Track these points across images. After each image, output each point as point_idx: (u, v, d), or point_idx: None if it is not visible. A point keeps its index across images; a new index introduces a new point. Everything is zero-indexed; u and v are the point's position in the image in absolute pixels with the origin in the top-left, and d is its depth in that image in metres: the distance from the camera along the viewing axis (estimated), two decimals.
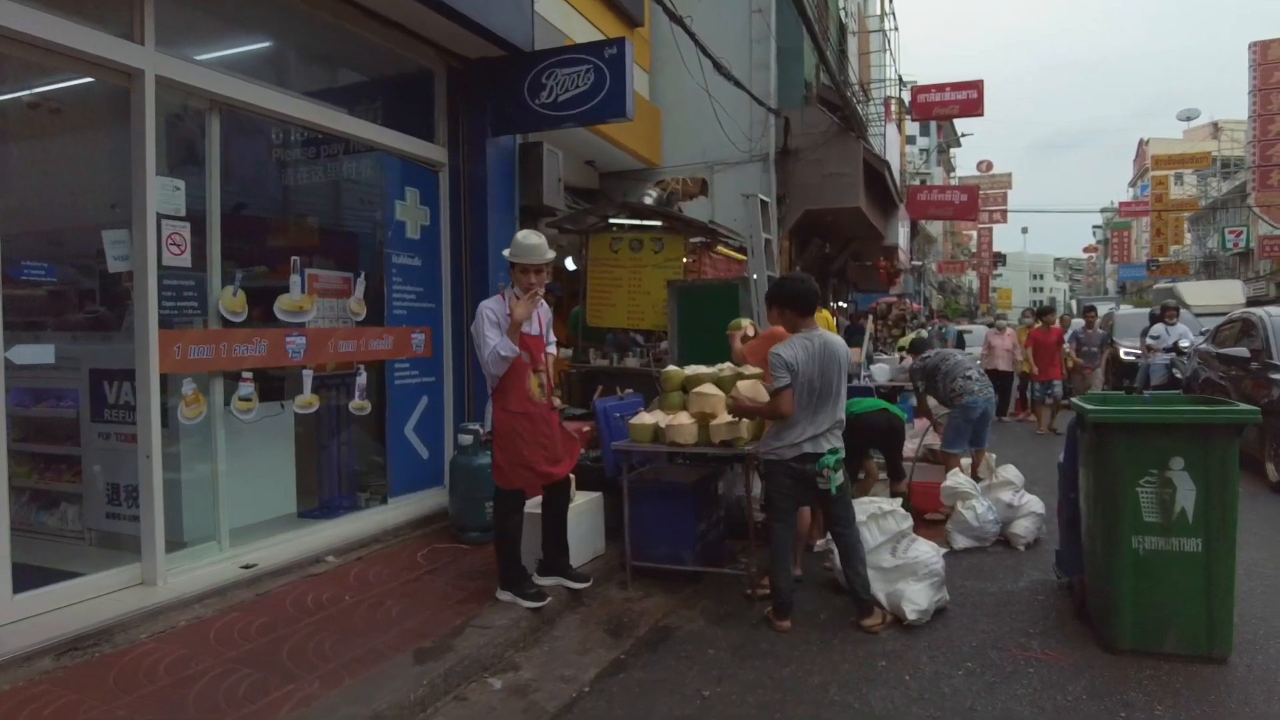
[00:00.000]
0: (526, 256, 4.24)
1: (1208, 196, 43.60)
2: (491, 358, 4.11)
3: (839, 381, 4.10)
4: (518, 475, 4.22)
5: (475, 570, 4.75)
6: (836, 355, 4.10)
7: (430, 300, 6.22)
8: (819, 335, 4.14)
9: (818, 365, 4.04)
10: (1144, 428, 3.45)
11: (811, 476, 4.03)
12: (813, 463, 4.02)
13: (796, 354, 4.05)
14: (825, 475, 3.99)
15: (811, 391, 4.04)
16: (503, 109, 6.25)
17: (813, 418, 4.06)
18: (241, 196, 5.52)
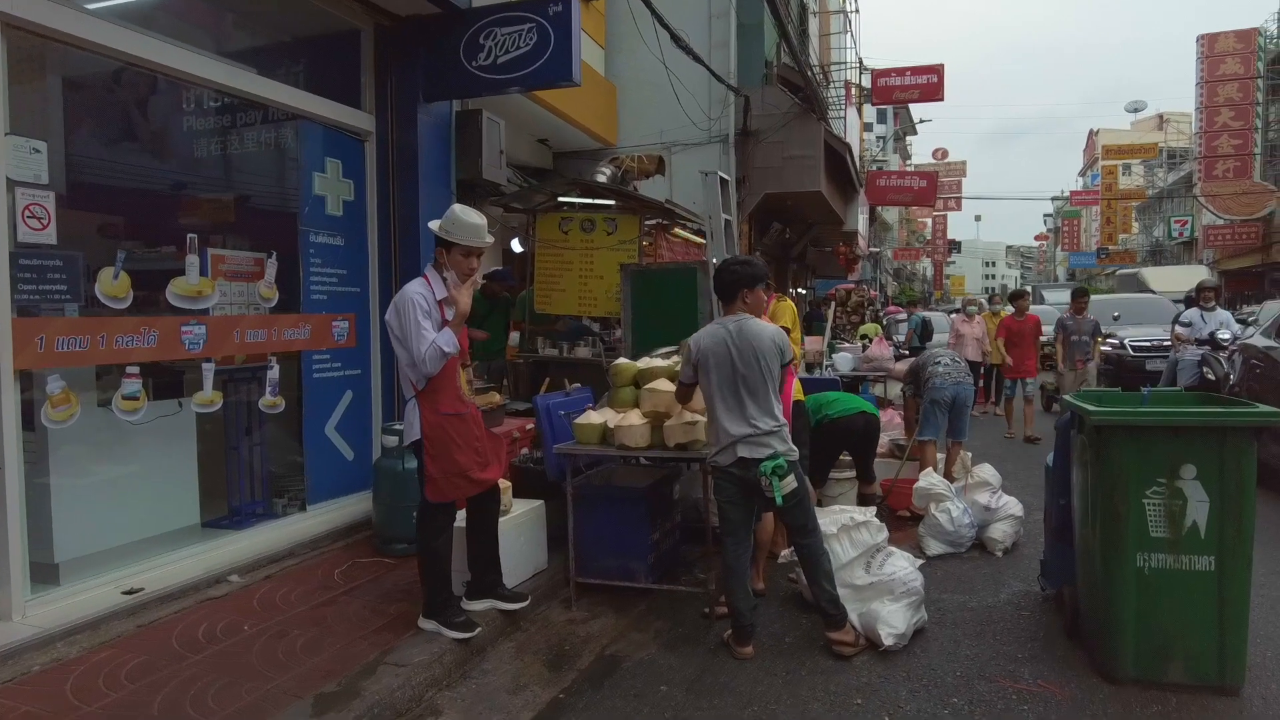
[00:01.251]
0: (471, 237, 3.67)
1: (1155, 186, 44.40)
2: (431, 355, 3.51)
3: (768, 374, 3.59)
4: (453, 486, 3.66)
5: (398, 589, 4.20)
6: (756, 345, 3.58)
7: (355, 284, 5.61)
8: (736, 321, 3.67)
9: (734, 355, 3.58)
10: (1151, 431, 3.05)
11: (757, 483, 3.54)
12: (754, 468, 3.53)
13: (700, 341, 3.67)
14: (764, 484, 3.48)
15: (732, 386, 3.59)
16: (436, 72, 5.64)
17: (740, 415, 3.57)
18: (128, 165, 4.86)
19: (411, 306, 3.55)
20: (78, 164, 4.53)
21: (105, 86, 4.98)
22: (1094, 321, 9.28)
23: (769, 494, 3.50)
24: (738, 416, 3.57)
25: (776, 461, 3.52)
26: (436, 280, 3.71)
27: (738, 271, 3.77)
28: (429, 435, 3.62)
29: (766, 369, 3.58)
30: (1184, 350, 8.85)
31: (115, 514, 4.28)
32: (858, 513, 3.95)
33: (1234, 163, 31.41)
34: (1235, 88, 31.80)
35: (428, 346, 3.51)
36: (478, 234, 3.69)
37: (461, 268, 3.68)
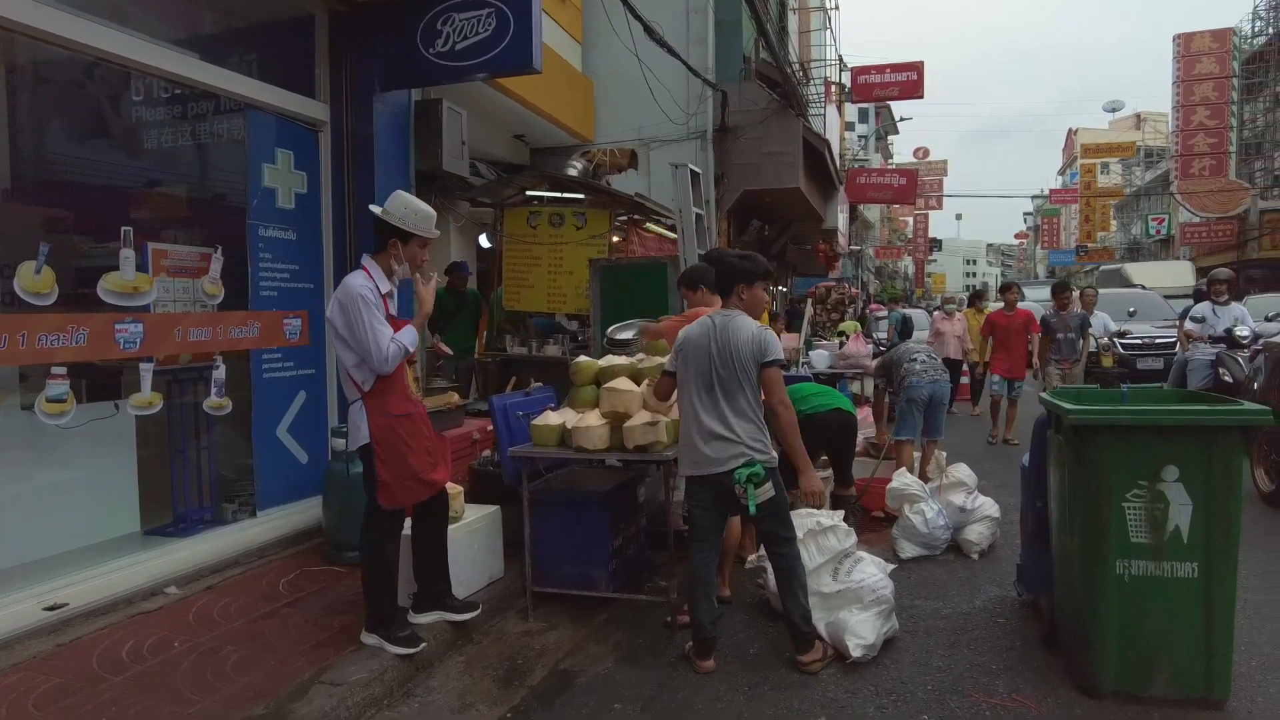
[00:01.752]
0: (426, 227, 3.51)
1: (1132, 185, 44.69)
2: (394, 355, 3.33)
3: (744, 376, 3.39)
4: (406, 490, 3.45)
5: (346, 600, 3.98)
6: (735, 343, 3.39)
7: (308, 280, 5.37)
8: (725, 316, 3.50)
9: (714, 351, 3.41)
10: (1134, 431, 2.88)
11: (731, 490, 3.33)
12: (729, 475, 3.32)
13: (689, 331, 3.53)
14: (738, 492, 3.28)
15: (707, 383, 3.41)
16: (393, 60, 5.41)
17: (715, 416, 3.38)
18: (61, 156, 4.61)
19: (361, 304, 3.32)
20: (5, 153, 4.29)
21: (39, 72, 4.73)
22: (1081, 315, 8.46)
23: (743, 501, 3.30)
24: (713, 417, 3.38)
25: (753, 469, 3.31)
26: (378, 272, 3.49)
27: (734, 264, 3.61)
28: (378, 438, 3.41)
29: (743, 371, 3.37)
30: (1195, 349, 7.93)
31: (42, 524, 4.04)
32: (824, 516, 3.76)
33: (1210, 161, 31.61)
34: (1211, 87, 32.01)
35: (388, 345, 3.31)
36: (432, 222, 3.56)
37: (417, 259, 3.52)
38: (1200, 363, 7.83)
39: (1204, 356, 7.80)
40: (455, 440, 4.91)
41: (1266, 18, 31.25)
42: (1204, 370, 7.73)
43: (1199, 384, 7.64)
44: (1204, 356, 7.80)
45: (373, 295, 3.36)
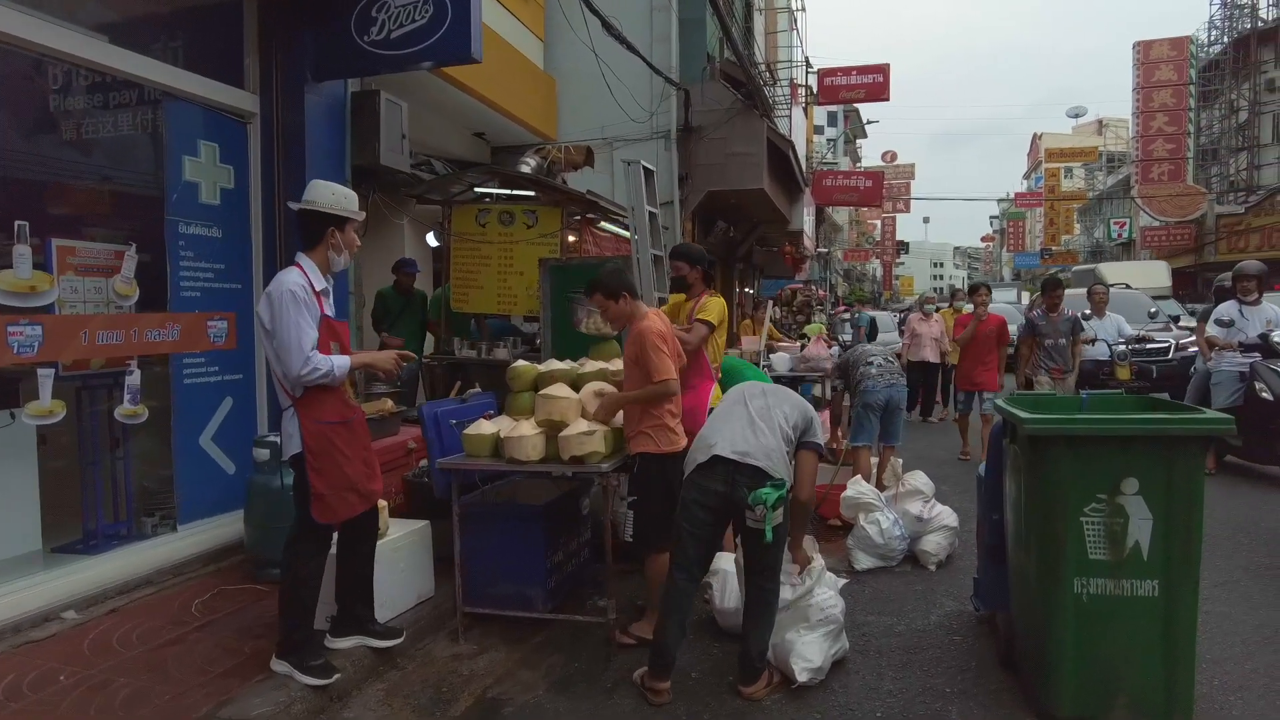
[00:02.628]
0: (354, 209, 3.33)
1: (1095, 189, 45.37)
2: (312, 375, 3.10)
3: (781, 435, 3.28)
4: (343, 502, 3.21)
5: (263, 622, 3.70)
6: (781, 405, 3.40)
7: (235, 279, 5.06)
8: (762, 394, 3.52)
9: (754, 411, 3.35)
10: (1092, 441, 2.71)
11: (740, 507, 3.06)
12: (745, 491, 3.05)
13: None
14: (759, 513, 2.99)
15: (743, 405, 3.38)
16: (326, 48, 5.13)
17: (747, 426, 3.23)
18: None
19: (289, 301, 3.09)
20: None
21: None
22: (1072, 319, 7.35)
23: (755, 524, 3.03)
24: (743, 426, 3.22)
25: (781, 492, 3.04)
26: (314, 269, 3.28)
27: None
28: (312, 447, 3.18)
29: (775, 428, 3.25)
30: (1219, 358, 6.69)
31: None
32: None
33: (1169, 166, 32.16)
34: (1169, 93, 32.57)
35: (311, 352, 3.09)
36: (355, 203, 3.39)
37: (353, 246, 3.38)
38: (1228, 375, 6.64)
39: (1232, 368, 6.62)
40: (389, 450, 4.64)
41: (1222, 27, 31.88)
42: (1233, 385, 6.57)
43: (1227, 401, 6.48)
44: (1232, 368, 6.62)
45: (304, 293, 3.14)
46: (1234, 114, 30.86)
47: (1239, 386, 6.55)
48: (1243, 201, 28.99)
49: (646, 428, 3.48)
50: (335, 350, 3.27)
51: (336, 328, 3.35)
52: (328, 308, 3.28)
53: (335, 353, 3.26)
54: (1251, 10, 30.48)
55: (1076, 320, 7.40)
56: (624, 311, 3.64)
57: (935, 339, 10.23)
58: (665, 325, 3.67)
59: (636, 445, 3.53)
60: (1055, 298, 7.41)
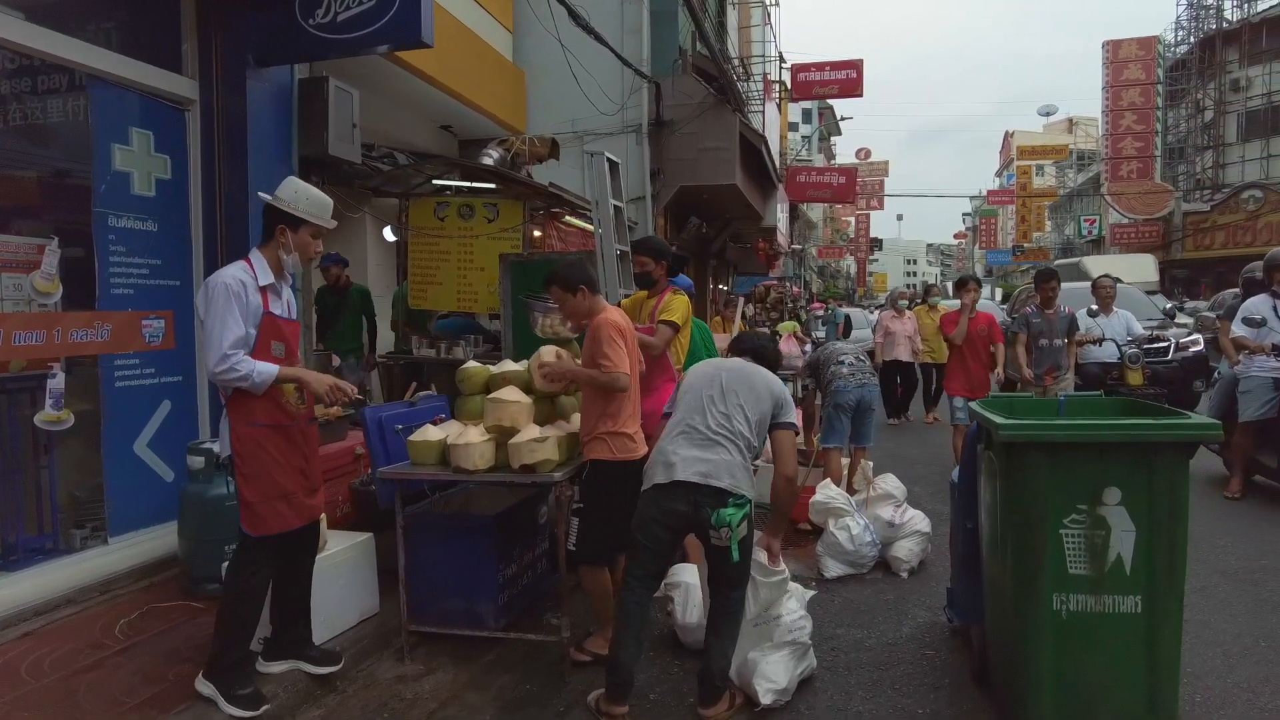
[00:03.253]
0: (323, 214, 3.16)
1: (1066, 187, 45.85)
2: (234, 368, 2.89)
3: (746, 416, 3.08)
4: (274, 513, 2.99)
5: (191, 645, 3.44)
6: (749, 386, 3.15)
7: (173, 276, 4.78)
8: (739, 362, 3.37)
9: (717, 394, 3.12)
10: (1072, 448, 2.54)
11: (703, 525, 2.87)
12: (709, 510, 2.86)
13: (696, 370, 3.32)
14: (724, 535, 2.82)
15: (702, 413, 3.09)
16: (269, 31, 4.85)
17: (703, 442, 3.01)
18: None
19: (220, 293, 2.91)
20: None
21: None
22: (1069, 316, 6.63)
23: (720, 543, 2.85)
24: (703, 441, 2.99)
25: (744, 510, 2.88)
26: (261, 264, 3.07)
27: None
28: (240, 451, 2.97)
29: (744, 420, 3.04)
30: (1248, 363, 5.73)
31: None
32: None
33: (1137, 164, 32.53)
34: (1138, 92, 32.94)
35: (230, 365, 2.88)
36: (328, 210, 3.20)
37: (309, 249, 3.17)
38: (1260, 382, 5.65)
39: (1264, 374, 5.64)
40: (335, 456, 4.40)
41: (1188, 27, 32.29)
42: (1265, 394, 5.61)
43: (1258, 413, 5.65)
44: (1264, 374, 5.64)
45: (242, 287, 2.95)
46: (1200, 113, 31.27)
47: (1272, 396, 5.59)
48: (1208, 199, 29.39)
49: (603, 433, 3.26)
50: (279, 351, 3.06)
51: (283, 327, 3.12)
52: (276, 305, 3.08)
53: (279, 354, 3.05)
54: (1217, 11, 30.90)
55: (1074, 318, 6.68)
56: (582, 306, 3.42)
57: (909, 337, 9.94)
58: (625, 322, 3.46)
59: (590, 451, 3.31)
60: (1049, 290, 6.67)
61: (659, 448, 3.05)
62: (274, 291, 3.07)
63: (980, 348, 6.94)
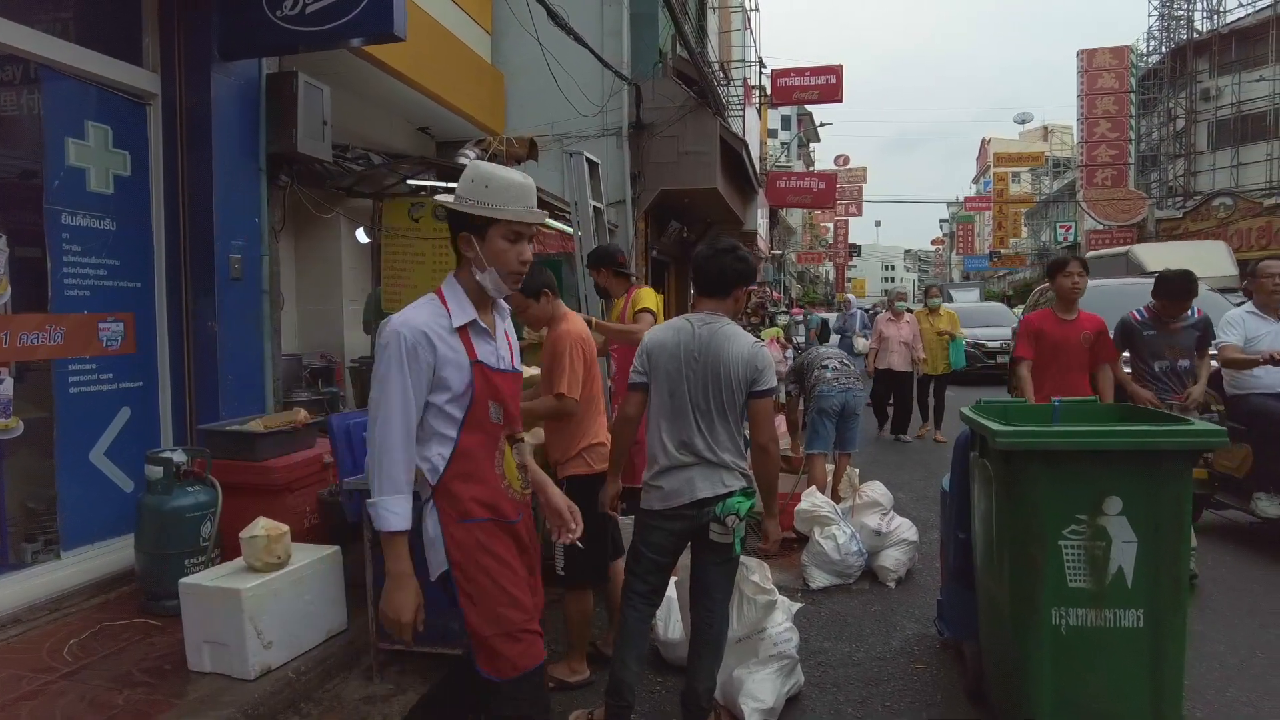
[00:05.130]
0: (519, 203, 2.07)
1: (1041, 193, 46.34)
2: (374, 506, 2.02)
3: (730, 405, 2.74)
4: (513, 648, 2.17)
5: (145, 665, 3.25)
6: (722, 359, 2.72)
7: (134, 277, 4.58)
8: (709, 324, 2.79)
9: (690, 364, 2.72)
10: (1073, 457, 2.43)
11: (703, 526, 2.69)
12: (710, 508, 2.67)
13: (659, 339, 2.80)
14: (728, 524, 2.64)
15: (679, 406, 2.74)
16: (235, 24, 4.68)
17: (690, 437, 2.72)
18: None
19: (388, 351, 2.01)
20: None
21: None
22: (1202, 321, 4.76)
23: (722, 538, 2.67)
24: (685, 440, 2.72)
25: (752, 499, 2.71)
26: (458, 297, 2.12)
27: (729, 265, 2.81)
28: (457, 560, 2.15)
29: (729, 398, 2.72)
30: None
31: None
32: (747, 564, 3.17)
33: (1111, 171, 32.90)
34: (1112, 100, 33.33)
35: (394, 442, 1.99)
36: (525, 196, 2.11)
37: (506, 260, 2.09)
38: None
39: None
40: (303, 464, 4.21)
41: (1160, 37, 32.73)
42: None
43: None
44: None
45: (420, 339, 2.01)
46: (1172, 121, 31.68)
47: None
48: (1180, 206, 29.75)
49: (580, 449, 3.11)
50: (497, 416, 2.15)
51: (496, 381, 2.14)
52: (484, 350, 2.12)
53: (497, 419, 2.15)
54: (1187, 22, 31.35)
55: (1208, 323, 4.79)
56: (544, 312, 3.27)
57: (906, 343, 8.89)
58: (586, 332, 3.31)
59: (566, 469, 3.15)
60: (1181, 286, 4.63)
61: (652, 468, 2.78)
62: (478, 332, 2.12)
63: (1079, 362, 4.52)
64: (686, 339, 2.74)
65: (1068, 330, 4.51)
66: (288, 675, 3.19)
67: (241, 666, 3.11)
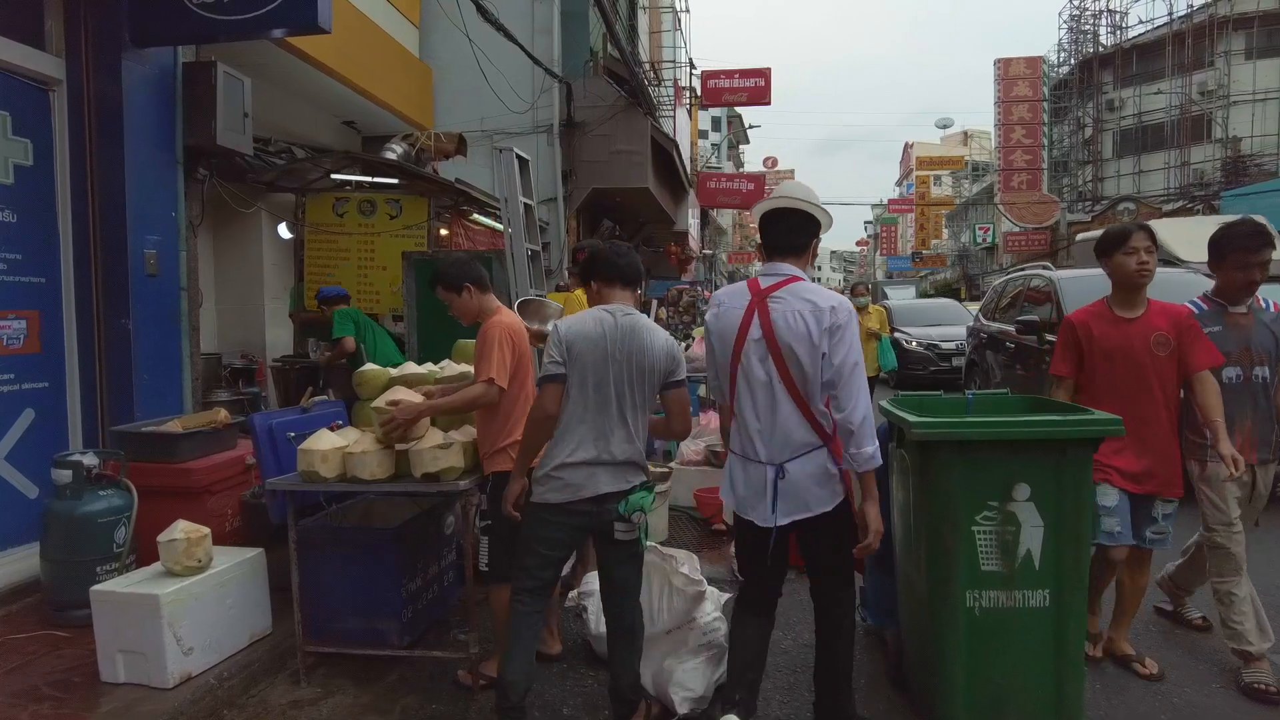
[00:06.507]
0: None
1: (962, 196, 48.02)
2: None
3: (650, 392, 2.72)
4: None
5: (52, 679, 3.11)
6: (646, 351, 2.68)
7: (37, 272, 4.38)
8: (629, 315, 2.74)
9: (615, 356, 2.67)
10: (984, 446, 2.55)
11: (606, 524, 2.65)
12: (613, 504, 2.64)
13: (581, 329, 2.70)
14: (633, 521, 2.62)
15: (602, 396, 2.66)
16: (146, 10, 4.51)
17: (604, 435, 2.66)
18: None
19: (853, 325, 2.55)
20: None
21: None
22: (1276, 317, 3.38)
23: (626, 535, 2.63)
24: (601, 432, 2.65)
25: (653, 492, 2.72)
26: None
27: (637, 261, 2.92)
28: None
29: (651, 387, 2.71)
30: None
31: None
32: (676, 556, 3.20)
33: (1027, 176, 34.31)
34: (1026, 108, 34.74)
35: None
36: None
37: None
38: None
39: None
40: (225, 466, 4.08)
41: (1069, 50, 34.29)
42: None
43: None
44: None
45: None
46: (1081, 130, 33.24)
47: None
48: (1089, 210, 31.25)
49: (505, 445, 3.09)
50: None
51: None
52: None
53: None
54: (1094, 36, 32.93)
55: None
56: (471, 306, 3.23)
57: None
58: (519, 325, 3.29)
59: (491, 464, 3.13)
60: (1251, 260, 3.24)
61: (558, 457, 2.68)
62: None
63: (1146, 378, 3.14)
64: (610, 329, 2.68)
65: (1130, 332, 3.14)
66: (209, 682, 3.10)
67: (160, 675, 3.01)
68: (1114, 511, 3.09)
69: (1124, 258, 3.18)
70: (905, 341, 13.46)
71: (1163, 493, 3.16)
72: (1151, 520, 3.20)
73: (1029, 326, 6.86)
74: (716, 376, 2.75)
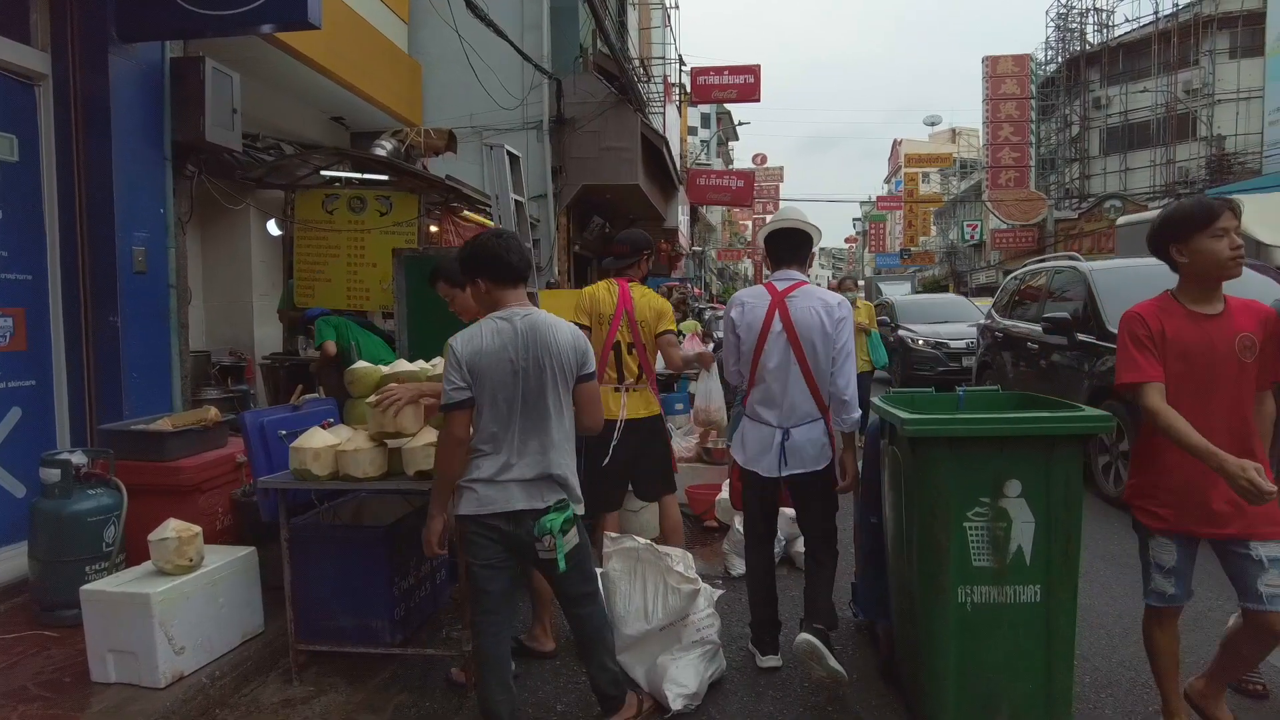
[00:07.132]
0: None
1: (950, 193, 48.25)
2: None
3: (564, 391, 2.64)
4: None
5: (42, 679, 3.09)
6: (553, 349, 2.60)
7: (24, 269, 4.33)
8: (526, 315, 2.62)
9: (520, 362, 2.56)
10: (975, 443, 2.57)
11: (527, 543, 2.58)
12: (531, 522, 2.57)
13: (479, 344, 2.56)
14: (548, 543, 2.53)
15: (510, 408, 2.57)
16: (134, 4, 4.47)
17: (518, 449, 2.58)
18: None
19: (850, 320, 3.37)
20: None
21: None
22: None
23: (546, 555, 2.56)
24: (517, 445, 2.58)
25: (565, 514, 2.57)
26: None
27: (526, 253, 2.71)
28: None
29: (564, 385, 2.63)
30: None
31: None
32: (672, 555, 3.20)
33: (1014, 173, 34.49)
34: (1014, 106, 34.93)
35: None
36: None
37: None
38: None
39: None
40: (215, 464, 4.06)
41: (1057, 48, 34.47)
42: None
43: None
44: None
45: None
46: (1068, 127, 33.43)
47: None
48: (1076, 208, 31.46)
49: None
50: None
51: None
52: None
53: None
54: (1081, 34, 33.12)
55: None
56: (471, 302, 3.21)
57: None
58: None
59: None
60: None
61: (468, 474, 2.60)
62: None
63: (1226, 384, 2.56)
64: (510, 339, 2.56)
65: (1210, 330, 2.55)
66: (201, 681, 3.09)
67: (151, 675, 3.00)
68: (1170, 571, 2.56)
69: (1212, 242, 2.51)
70: (911, 340, 12.72)
71: (1256, 533, 2.44)
72: (1259, 568, 2.42)
73: (1058, 324, 6.17)
74: (738, 360, 3.30)
